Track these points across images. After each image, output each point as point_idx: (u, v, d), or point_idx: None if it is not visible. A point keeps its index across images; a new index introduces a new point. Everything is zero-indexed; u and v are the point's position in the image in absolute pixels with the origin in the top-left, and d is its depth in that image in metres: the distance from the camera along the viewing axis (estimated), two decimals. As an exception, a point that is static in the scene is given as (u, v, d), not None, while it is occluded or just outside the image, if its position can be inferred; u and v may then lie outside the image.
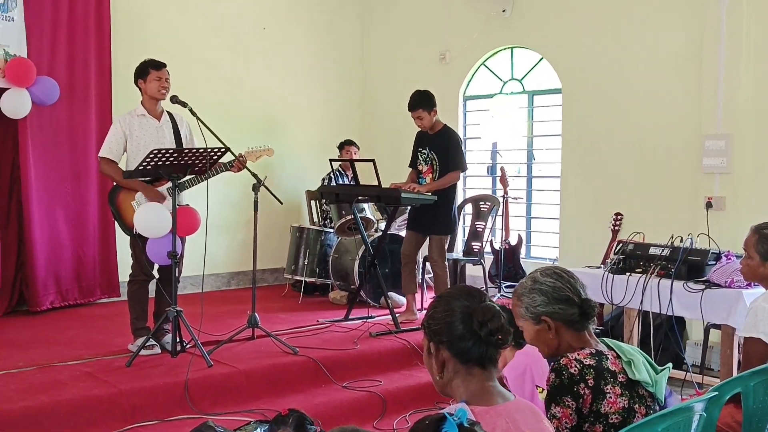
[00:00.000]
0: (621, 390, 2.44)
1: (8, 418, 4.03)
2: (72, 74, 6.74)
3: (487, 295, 2.14)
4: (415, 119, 6.30)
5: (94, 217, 6.89)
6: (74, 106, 6.76)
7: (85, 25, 6.78)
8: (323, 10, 8.72)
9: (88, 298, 6.91)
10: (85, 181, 6.83)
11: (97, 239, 6.94)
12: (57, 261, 6.72)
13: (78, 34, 6.75)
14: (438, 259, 6.32)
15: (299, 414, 3.36)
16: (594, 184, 7.01)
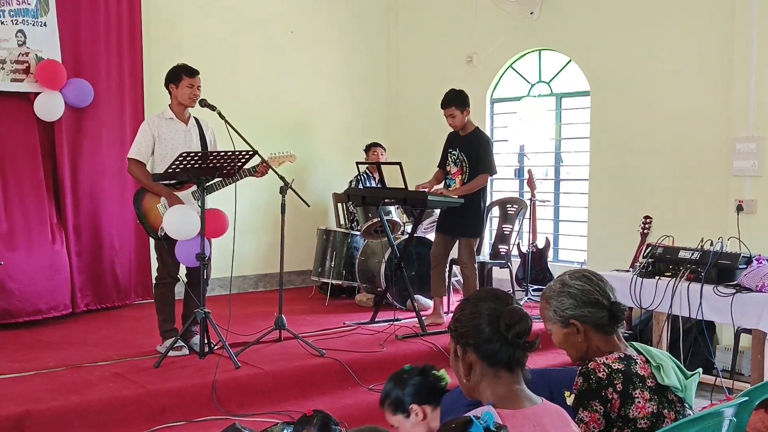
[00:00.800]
0: (650, 395, 2.42)
1: (39, 417, 4.08)
2: (106, 77, 6.80)
3: (514, 298, 2.13)
4: (447, 117, 6.29)
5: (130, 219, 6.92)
6: (109, 108, 6.82)
7: (118, 30, 6.86)
8: (351, 13, 8.75)
9: (124, 300, 6.95)
10: (121, 182, 6.87)
11: (133, 241, 6.99)
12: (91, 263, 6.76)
13: (111, 38, 6.83)
14: (468, 262, 6.31)
15: (324, 415, 3.37)
16: (623, 187, 6.95)
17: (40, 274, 6.38)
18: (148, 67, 7.04)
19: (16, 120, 6.35)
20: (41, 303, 6.37)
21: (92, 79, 6.68)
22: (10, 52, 6.27)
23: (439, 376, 3.03)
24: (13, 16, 6.27)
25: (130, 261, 6.99)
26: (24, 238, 6.34)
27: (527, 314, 2.06)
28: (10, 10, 6.25)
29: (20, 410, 4.07)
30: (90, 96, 6.61)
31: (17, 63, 6.30)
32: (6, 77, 6.26)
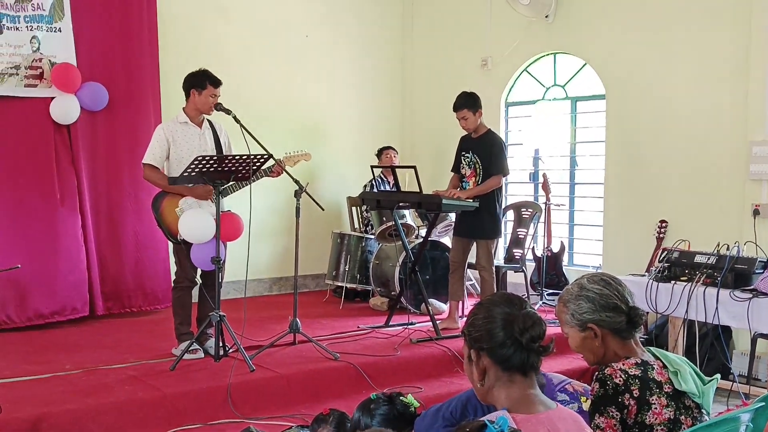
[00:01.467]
0: (667, 401, 2.40)
1: (55, 419, 4.11)
2: (123, 81, 6.83)
3: (528, 302, 2.13)
4: (460, 120, 6.31)
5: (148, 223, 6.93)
6: (127, 111, 6.85)
7: (136, 34, 6.87)
8: (365, 17, 8.77)
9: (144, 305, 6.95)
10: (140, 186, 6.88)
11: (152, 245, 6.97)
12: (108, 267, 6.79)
13: (126, 42, 6.85)
14: (486, 265, 6.30)
15: (340, 413, 3.38)
16: (638, 191, 6.92)
17: (56, 278, 6.43)
18: (164, 71, 7.08)
19: (32, 124, 6.40)
20: (56, 306, 6.43)
21: (107, 83, 6.71)
22: (25, 57, 6.32)
23: (407, 403, 3.04)
24: (28, 22, 6.33)
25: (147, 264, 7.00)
26: (40, 242, 6.39)
27: (541, 318, 2.06)
28: (25, 16, 6.31)
29: (37, 412, 4.10)
30: (105, 99, 6.65)
31: (31, 69, 6.36)
32: (20, 83, 6.32)
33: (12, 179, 6.33)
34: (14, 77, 6.29)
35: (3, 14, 6.21)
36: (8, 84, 6.26)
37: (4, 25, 6.22)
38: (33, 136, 6.41)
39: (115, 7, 6.79)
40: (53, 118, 6.43)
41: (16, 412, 4.03)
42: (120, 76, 6.84)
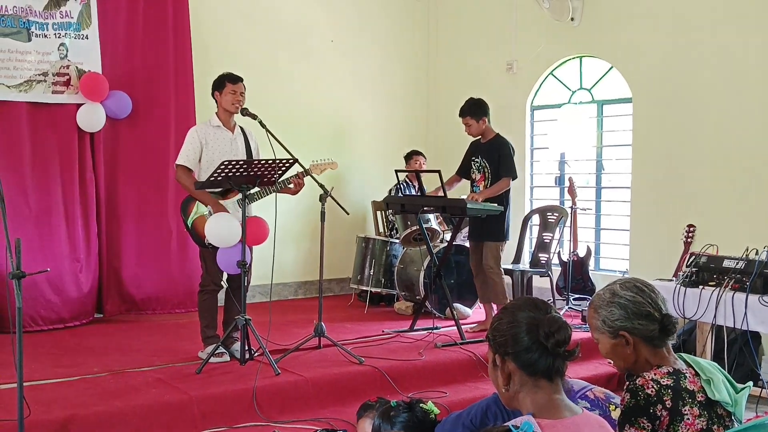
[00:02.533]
0: (699, 411, 2.35)
1: (84, 422, 4.15)
2: (148, 88, 6.91)
3: (553, 307, 2.11)
4: (464, 125, 6.41)
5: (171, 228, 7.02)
6: (151, 119, 6.93)
7: (163, 41, 6.95)
8: (390, 22, 8.78)
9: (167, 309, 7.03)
10: (162, 192, 6.99)
11: (176, 250, 7.07)
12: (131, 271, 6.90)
13: (154, 50, 6.93)
14: (494, 267, 6.29)
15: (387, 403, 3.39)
16: (665, 195, 6.86)
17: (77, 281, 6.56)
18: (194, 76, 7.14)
19: (57, 130, 6.50)
20: (77, 310, 6.56)
21: (131, 90, 6.78)
22: (52, 64, 6.41)
23: (427, 410, 3.03)
24: (56, 30, 6.42)
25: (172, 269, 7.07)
26: (63, 245, 6.50)
27: (566, 322, 2.04)
28: (53, 23, 6.40)
29: (65, 414, 4.15)
30: (129, 107, 6.73)
31: (58, 75, 6.45)
32: (47, 89, 6.41)
33: (39, 184, 6.44)
34: (42, 84, 6.38)
35: (32, 22, 6.30)
36: (36, 90, 6.35)
37: (32, 32, 6.31)
38: (58, 141, 6.51)
39: (142, 14, 6.86)
40: (79, 126, 6.52)
41: (44, 414, 4.08)
42: (144, 84, 6.92)
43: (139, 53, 6.88)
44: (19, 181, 6.33)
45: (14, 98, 6.27)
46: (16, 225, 6.09)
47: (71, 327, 6.47)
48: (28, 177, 6.38)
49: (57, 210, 6.50)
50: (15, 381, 3.54)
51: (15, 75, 6.25)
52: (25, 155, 6.37)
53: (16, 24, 6.24)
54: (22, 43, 6.27)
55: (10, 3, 6.19)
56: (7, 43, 6.21)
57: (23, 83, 6.29)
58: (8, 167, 6.18)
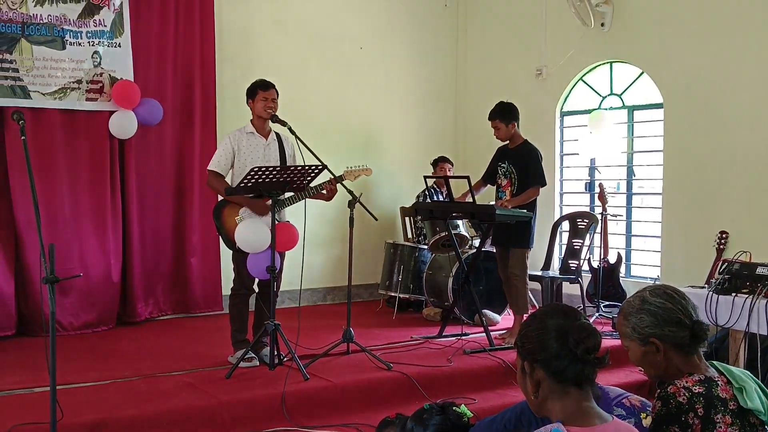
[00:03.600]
0: (731, 419, 2.32)
1: (115, 425, 4.19)
2: (177, 95, 7.03)
3: (582, 314, 2.10)
4: (493, 129, 6.36)
5: (199, 233, 7.12)
6: (179, 126, 7.05)
7: (191, 49, 7.07)
8: (419, 28, 8.79)
9: (191, 310, 7.15)
10: (189, 198, 7.09)
11: (201, 254, 7.17)
12: (160, 275, 7.01)
13: (183, 58, 7.05)
14: (519, 274, 6.26)
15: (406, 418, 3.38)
16: (697, 201, 6.78)
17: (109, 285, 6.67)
18: (219, 85, 7.23)
19: (90, 136, 6.60)
20: (108, 313, 6.67)
21: (162, 98, 6.89)
22: (86, 72, 6.51)
23: (461, 413, 3.01)
24: (90, 38, 6.52)
25: (196, 273, 7.16)
26: (93, 250, 6.61)
27: (596, 329, 2.03)
28: (87, 32, 6.50)
29: (97, 418, 4.19)
30: (160, 114, 6.82)
31: (92, 83, 6.54)
32: (81, 97, 6.51)
33: (72, 190, 6.56)
34: (76, 91, 6.47)
35: (66, 30, 6.40)
36: (71, 98, 6.45)
37: (67, 40, 6.41)
38: (91, 148, 6.62)
39: (172, 23, 6.96)
40: (111, 133, 6.61)
41: (76, 417, 4.13)
42: (174, 91, 7.02)
43: (169, 61, 6.97)
44: (53, 187, 6.44)
45: (49, 105, 6.37)
46: (49, 230, 6.21)
47: (102, 331, 6.57)
48: (61, 183, 6.49)
49: (88, 215, 6.60)
50: (48, 384, 3.58)
51: (50, 83, 6.35)
52: (58, 162, 6.48)
53: (50, 32, 6.35)
54: (56, 51, 6.37)
55: (44, 12, 6.30)
56: (42, 51, 6.31)
57: (58, 90, 6.39)
58: (42, 173, 6.29)
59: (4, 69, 6.17)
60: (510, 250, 6.32)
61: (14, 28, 6.20)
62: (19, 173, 6.19)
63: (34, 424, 3.99)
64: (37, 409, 4.16)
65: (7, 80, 6.17)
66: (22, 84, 6.23)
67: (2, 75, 6.16)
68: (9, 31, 6.18)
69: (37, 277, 6.21)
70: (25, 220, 6.24)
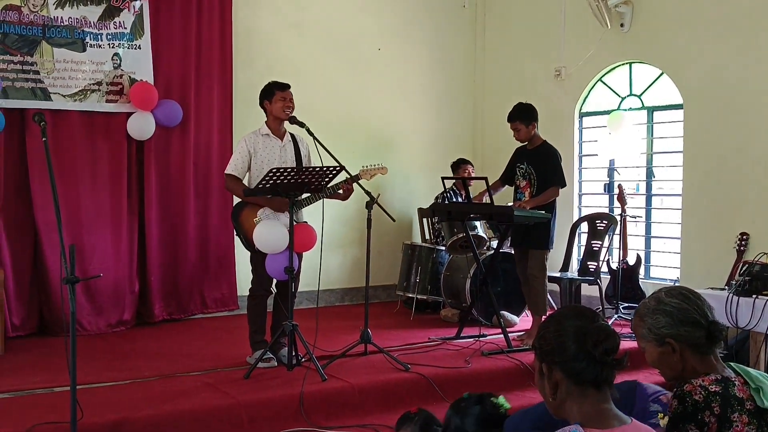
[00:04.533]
0: (748, 418, 2.32)
1: (134, 425, 4.22)
2: (196, 97, 7.06)
3: (600, 315, 2.09)
4: (513, 130, 6.32)
5: (216, 234, 7.17)
6: (197, 127, 7.08)
7: (210, 51, 7.11)
8: (437, 29, 8.79)
9: (209, 310, 7.19)
10: (206, 199, 7.14)
11: (218, 255, 7.21)
12: (178, 275, 7.04)
13: (202, 60, 7.08)
14: (538, 275, 6.23)
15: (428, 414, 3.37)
16: (718, 203, 6.73)
17: (128, 286, 6.73)
18: (237, 87, 7.26)
19: (109, 138, 6.65)
20: (126, 313, 6.72)
21: (181, 99, 6.93)
22: (106, 74, 6.56)
23: (498, 404, 3.01)
24: (110, 40, 6.57)
25: (213, 274, 7.21)
26: (112, 251, 6.67)
27: (614, 331, 2.02)
28: (107, 34, 6.55)
29: (116, 417, 4.22)
30: (179, 116, 6.86)
31: (112, 85, 6.59)
32: (101, 98, 6.56)
33: (91, 191, 6.61)
34: (96, 93, 6.53)
35: (86, 32, 6.46)
36: (91, 99, 6.51)
37: (87, 42, 6.47)
38: (110, 149, 6.66)
39: (192, 24, 7.00)
40: (130, 134, 6.65)
41: (96, 417, 4.16)
42: (193, 93, 7.05)
43: (188, 63, 7.01)
44: (73, 188, 6.50)
45: (70, 107, 6.43)
46: (69, 231, 6.27)
47: (121, 331, 6.61)
48: (81, 185, 6.55)
49: (108, 216, 6.66)
50: (68, 384, 3.62)
51: (70, 84, 6.41)
52: (78, 163, 6.54)
53: (71, 35, 6.41)
54: (77, 54, 6.43)
55: (65, 14, 6.36)
56: (63, 53, 6.37)
57: (78, 92, 6.45)
58: (62, 175, 6.35)
59: (25, 71, 6.23)
60: (529, 251, 6.30)
61: (35, 31, 6.26)
62: (39, 175, 6.25)
63: (54, 423, 4.02)
64: (57, 409, 4.20)
65: (28, 82, 6.24)
66: (42, 86, 6.29)
67: (23, 77, 6.22)
68: (30, 34, 6.24)
69: (56, 277, 6.28)
70: (44, 221, 6.30)
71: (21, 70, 6.21)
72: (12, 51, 6.18)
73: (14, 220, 6.31)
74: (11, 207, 6.30)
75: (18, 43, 6.20)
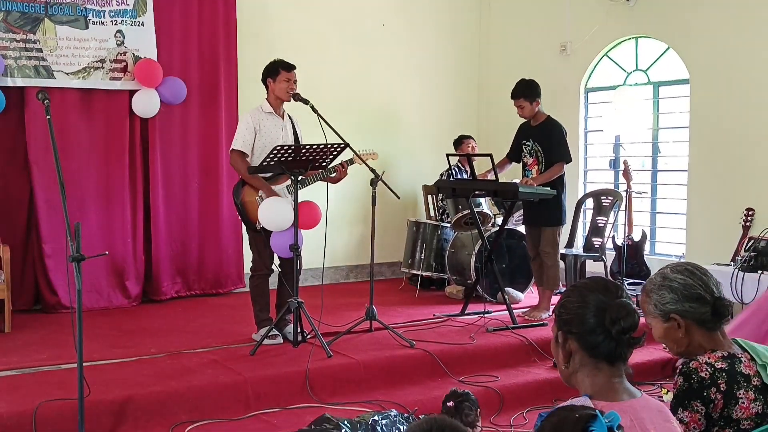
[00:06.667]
0: (755, 395, 2.32)
1: (141, 401, 4.26)
2: (200, 74, 7.04)
3: (625, 290, 2.06)
4: (516, 107, 6.30)
5: (223, 211, 7.15)
6: (203, 105, 7.06)
7: (213, 28, 7.06)
8: (442, 4, 8.72)
9: (215, 288, 7.20)
10: (213, 177, 7.13)
11: (226, 232, 7.20)
12: (185, 253, 7.05)
13: (206, 36, 7.05)
14: (550, 251, 6.24)
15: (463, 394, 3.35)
16: (723, 178, 6.70)
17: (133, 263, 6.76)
18: (242, 63, 7.22)
19: (114, 115, 6.64)
20: (133, 291, 6.77)
21: (185, 76, 6.90)
22: (110, 51, 6.53)
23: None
24: (112, 17, 6.53)
25: (221, 251, 7.21)
26: (117, 228, 6.70)
27: (635, 309, 2.00)
28: (110, 11, 6.51)
29: (123, 395, 4.26)
30: (183, 93, 6.83)
31: (116, 62, 6.57)
32: (105, 76, 6.54)
33: (96, 169, 6.62)
34: (100, 71, 6.50)
35: (89, 9, 6.42)
36: (94, 77, 6.49)
37: (90, 20, 6.43)
38: (114, 126, 6.66)
39: (194, 1, 6.94)
40: (134, 112, 6.63)
41: (104, 394, 4.19)
42: (197, 70, 7.02)
43: (192, 40, 6.98)
44: (77, 166, 6.50)
45: (73, 85, 6.42)
46: (74, 209, 6.26)
47: (127, 308, 6.64)
48: (85, 162, 6.55)
49: (113, 194, 6.67)
50: (75, 361, 3.63)
51: (73, 62, 6.38)
52: (82, 141, 6.54)
53: (74, 12, 6.37)
54: (80, 31, 6.40)
55: (68, -9, 6.32)
56: (66, 30, 6.34)
57: (81, 70, 6.42)
58: (66, 153, 6.34)
59: (28, 49, 6.20)
60: (541, 229, 6.29)
61: (38, 8, 6.23)
62: (42, 152, 6.25)
63: (61, 400, 4.05)
64: (64, 386, 4.23)
65: (31, 60, 6.21)
66: (46, 64, 6.27)
67: (26, 55, 6.20)
68: (32, 11, 6.22)
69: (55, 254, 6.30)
70: (44, 198, 6.31)
71: (24, 48, 6.19)
72: (14, 29, 6.16)
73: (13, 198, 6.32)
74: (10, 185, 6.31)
75: (20, 20, 6.17)
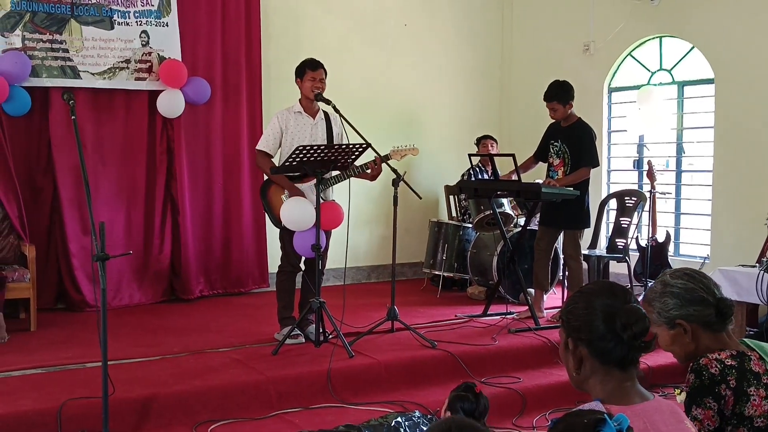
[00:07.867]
0: (766, 392, 2.32)
1: (164, 400, 4.29)
2: (224, 74, 7.08)
3: (632, 294, 2.05)
4: (549, 110, 6.23)
5: (246, 211, 7.20)
6: (226, 104, 7.11)
7: (237, 28, 7.11)
8: (465, 4, 8.70)
9: (238, 288, 7.24)
10: (236, 177, 7.17)
11: (249, 232, 7.25)
12: (208, 252, 7.10)
13: (229, 36, 7.09)
14: (573, 254, 6.20)
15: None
16: (749, 179, 6.63)
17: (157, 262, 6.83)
18: (266, 63, 7.25)
19: (137, 116, 6.71)
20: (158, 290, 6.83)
21: (209, 77, 6.94)
22: (135, 52, 6.59)
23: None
24: (137, 18, 6.58)
25: (245, 250, 7.25)
26: (142, 227, 6.77)
27: (645, 314, 1.98)
28: (134, 12, 6.57)
29: (146, 393, 4.29)
30: (208, 93, 6.87)
31: (141, 62, 6.62)
32: (130, 76, 6.59)
33: (122, 169, 6.69)
34: (125, 71, 6.56)
35: (114, 10, 6.48)
36: (119, 77, 6.54)
37: (115, 20, 6.49)
38: (140, 127, 6.72)
39: (219, 1, 6.99)
40: (159, 112, 6.69)
41: (128, 393, 4.23)
42: (220, 70, 7.07)
43: (216, 40, 7.02)
44: (103, 166, 6.57)
45: (99, 85, 6.48)
46: (99, 208, 6.32)
47: (152, 306, 6.70)
48: (109, 162, 6.61)
49: (137, 193, 6.74)
50: (100, 360, 3.67)
51: (99, 63, 6.44)
52: (107, 141, 6.60)
53: (99, 12, 6.43)
54: (105, 32, 6.46)
55: (93, -7, 6.39)
56: (91, 31, 6.40)
57: (107, 70, 6.48)
58: (93, 153, 6.42)
59: (54, 50, 6.27)
60: (563, 231, 6.25)
61: (64, 9, 6.30)
62: (66, 152, 6.32)
63: (86, 398, 4.09)
64: (89, 384, 4.27)
65: (57, 60, 6.28)
66: (72, 64, 6.34)
67: (53, 56, 6.27)
68: (59, 12, 6.28)
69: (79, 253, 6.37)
70: (68, 197, 6.38)
71: (50, 49, 6.26)
72: (41, 29, 6.23)
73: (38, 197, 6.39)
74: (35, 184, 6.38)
75: (47, 21, 6.24)
